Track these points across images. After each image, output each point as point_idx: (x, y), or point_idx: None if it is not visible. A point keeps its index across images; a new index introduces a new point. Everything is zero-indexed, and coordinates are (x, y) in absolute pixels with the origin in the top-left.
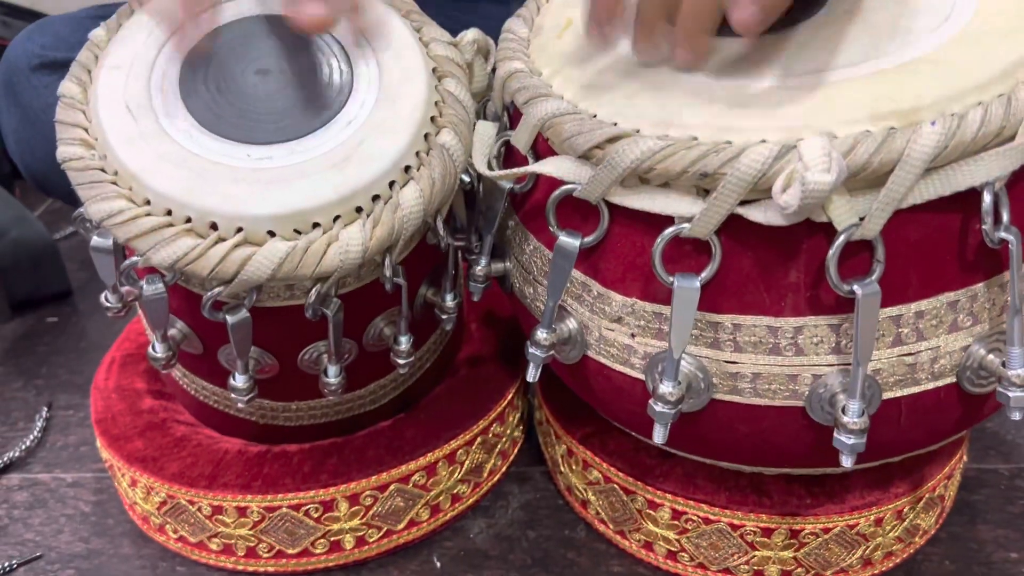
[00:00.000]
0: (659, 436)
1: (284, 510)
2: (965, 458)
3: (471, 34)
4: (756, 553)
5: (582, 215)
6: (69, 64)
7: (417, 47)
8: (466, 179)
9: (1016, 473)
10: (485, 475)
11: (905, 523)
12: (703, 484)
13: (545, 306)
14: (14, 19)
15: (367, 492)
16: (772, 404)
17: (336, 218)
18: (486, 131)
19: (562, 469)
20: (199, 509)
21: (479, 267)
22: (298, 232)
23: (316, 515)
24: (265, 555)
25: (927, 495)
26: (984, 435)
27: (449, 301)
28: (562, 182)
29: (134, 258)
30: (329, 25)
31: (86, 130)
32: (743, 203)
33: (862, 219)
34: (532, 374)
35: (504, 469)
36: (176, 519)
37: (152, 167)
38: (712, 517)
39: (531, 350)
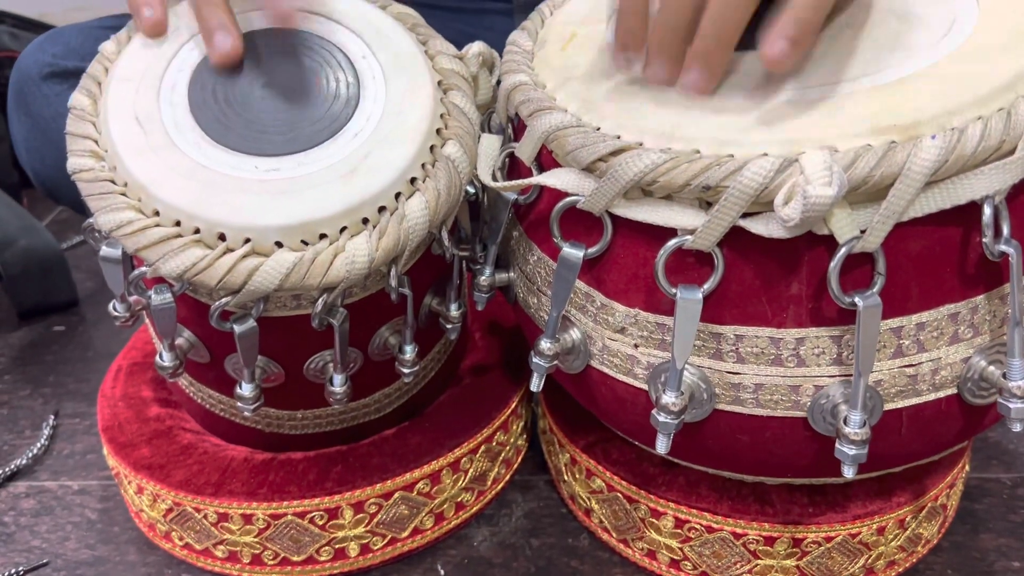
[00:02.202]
0: (662, 446)
1: (289, 517)
2: (967, 467)
3: (476, 47)
4: (759, 562)
5: (585, 226)
6: (79, 73)
7: (423, 60)
8: (471, 190)
9: (1018, 482)
10: (489, 483)
11: (907, 532)
12: (706, 493)
13: (549, 316)
14: (22, 31)
15: (372, 500)
16: (774, 415)
17: (343, 229)
18: (491, 144)
19: (565, 478)
20: (205, 516)
21: (483, 277)
22: (305, 243)
23: (321, 522)
24: (270, 562)
25: (929, 504)
26: (986, 445)
27: (453, 311)
28: (566, 194)
29: (143, 268)
30: (232, 52)
31: (96, 142)
32: (745, 216)
33: (863, 232)
34: (536, 384)
35: (508, 477)
36: (182, 526)
37: (161, 178)
38: (715, 526)
39: (535, 360)
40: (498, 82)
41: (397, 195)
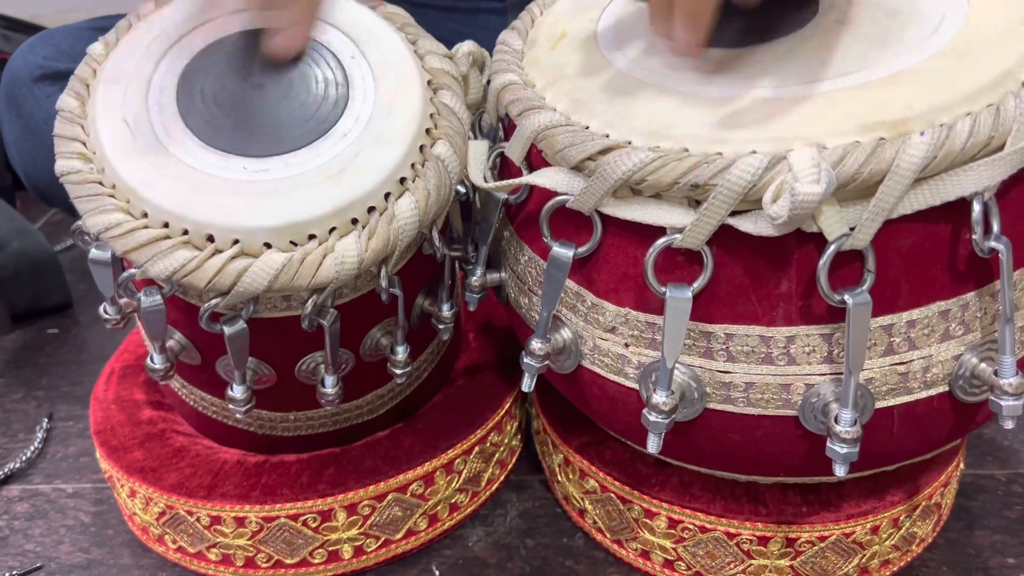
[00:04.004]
0: (653, 446)
1: (282, 520)
2: (962, 465)
3: (466, 46)
4: (752, 562)
5: (575, 226)
6: (71, 75)
7: (412, 60)
8: (461, 190)
9: (1013, 479)
10: (483, 484)
11: (902, 531)
12: (699, 493)
13: (539, 316)
14: (15, 32)
15: (365, 502)
16: (765, 413)
17: (332, 229)
18: (480, 149)
19: (559, 478)
20: (198, 519)
21: (475, 277)
22: (294, 244)
23: (314, 525)
24: (264, 565)
25: (924, 503)
26: (981, 441)
27: (445, 311)
28: (555, 193)
29: (132, 270)
30: (300, 48)
31: (84, 144)
32: (734, 214)
33: (852, 229)
34: (527, 384)
35: (502, 478)
36: (175, 529)
37: (149, 180)
38: (708, 526)
39: (526, 360)
40: (488, 81)
41: (387, 195)
